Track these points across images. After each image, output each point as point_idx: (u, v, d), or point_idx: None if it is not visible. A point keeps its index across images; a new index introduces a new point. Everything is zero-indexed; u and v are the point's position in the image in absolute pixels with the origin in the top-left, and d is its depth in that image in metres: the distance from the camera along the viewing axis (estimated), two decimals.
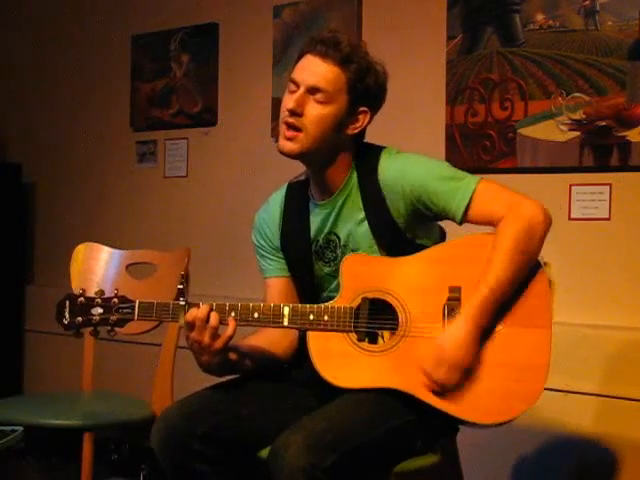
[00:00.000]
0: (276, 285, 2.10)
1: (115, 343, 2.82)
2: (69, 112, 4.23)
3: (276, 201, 2.12)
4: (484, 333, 1.84)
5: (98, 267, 2.71)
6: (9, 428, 2.19)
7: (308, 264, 2.05)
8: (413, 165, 1.95)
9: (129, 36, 3.98)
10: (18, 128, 4.43)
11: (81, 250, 2.73)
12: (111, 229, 3.95)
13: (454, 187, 1.90)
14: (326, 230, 2.02)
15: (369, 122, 1.99)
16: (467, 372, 1.82)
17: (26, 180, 4.33)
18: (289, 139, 1.92)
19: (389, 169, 1.94)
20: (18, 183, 4.30)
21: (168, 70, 3.85)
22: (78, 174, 4.20)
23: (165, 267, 2.65)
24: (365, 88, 1.94)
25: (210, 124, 3.72)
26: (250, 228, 2.17)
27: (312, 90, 1.91)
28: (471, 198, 1.88)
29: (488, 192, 1.90)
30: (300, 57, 1.96)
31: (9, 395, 2.79)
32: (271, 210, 2.12)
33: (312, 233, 2.04)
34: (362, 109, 1.96)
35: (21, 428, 2.20)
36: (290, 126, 1.91)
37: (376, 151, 1.99)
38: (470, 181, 1.91)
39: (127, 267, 2.70)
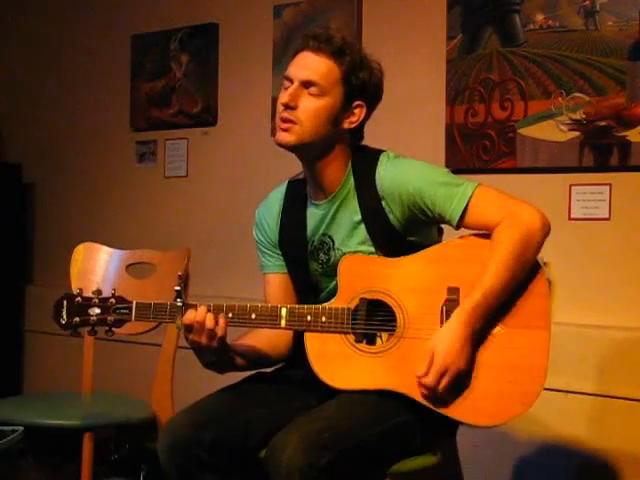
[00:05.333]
0: (275, 281, 2.10)
1: (115, 343, 2.83)
2: (69, 112, 4.23)
3: (276, 198, 2.11)
4: (478, 335, 1.83)
5: (98, 267, 2.71)
6: (9, 428, 2.19)
7: (304, 263, 2.05)
8: (410, 171, 1.94)
9: (129, 36, 3.97)
10: (18, 128, 4.43)
11: (81, 250, 2.73)
12: (111, 229, 3.95)
13: (450, 193, 1.88)
14: (321, 231, 2.02)
15: (366, 118, 1.99)
16: (462, 375, 1.81)
17: (26, 180, 4.33)
18: (285, 131, 1.92)
19: (386, 174, 1.93)
20: (18, 183, 4.30)
21: (168, 70, 3.85)
22: (78, 174, 4.20)
23: (165, 267, 2.65)
24: (360, 82, 1.94)
25: (210, 124, 3.72)
26: (250, 228, 2.17)
27: (306, 84, 1.91)
28: (467, 204, 1.87)
29: (485, 198, 1.89)
30: (294, 55, 1.97)
31: (9, 395, 2.79)
32: (271, 206, 2.12)
33: (308, 233, 2.04)
34: (358, 103, 1.96)
35: (21, 428, 2.20)
36: (285, 120, 1.92)
37: (374, 155, 1.98)
38: (467, 187, 1.89)
39: (127, 267, 2.70)
